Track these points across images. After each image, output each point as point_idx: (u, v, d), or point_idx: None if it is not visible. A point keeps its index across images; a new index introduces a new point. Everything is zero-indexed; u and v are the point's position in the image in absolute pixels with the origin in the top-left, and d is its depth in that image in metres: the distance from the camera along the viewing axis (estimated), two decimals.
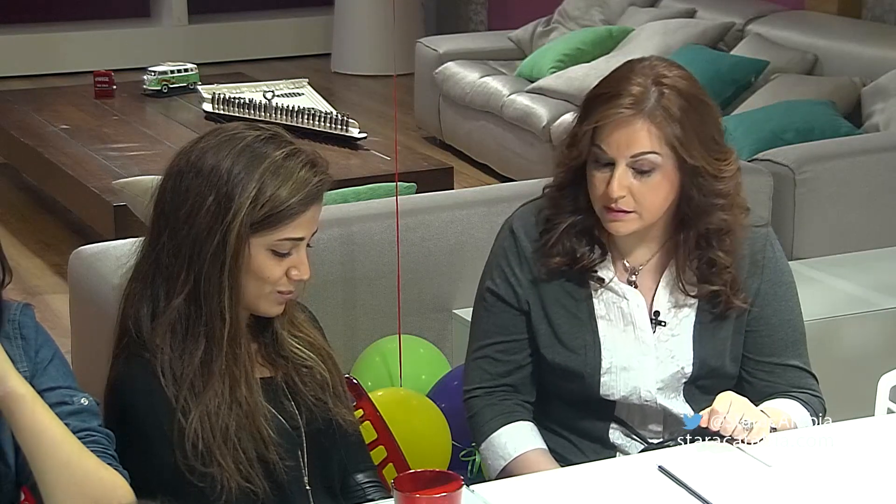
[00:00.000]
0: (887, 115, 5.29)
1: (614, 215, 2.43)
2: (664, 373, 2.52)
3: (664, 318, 2.52)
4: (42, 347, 2.14)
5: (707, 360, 2.53)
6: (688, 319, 2.53)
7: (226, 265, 2.22)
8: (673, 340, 2.52)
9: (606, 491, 2.23)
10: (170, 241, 2.25)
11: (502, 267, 2.57)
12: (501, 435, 2.55)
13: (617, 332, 2.52)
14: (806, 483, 2.23)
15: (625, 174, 2.40)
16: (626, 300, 2.52)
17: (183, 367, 2.23)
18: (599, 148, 2.41)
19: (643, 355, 2.52)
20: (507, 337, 2.57)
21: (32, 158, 6.32)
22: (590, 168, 2.44)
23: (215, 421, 2.22)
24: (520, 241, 2.55)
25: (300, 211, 2.24)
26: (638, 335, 2.52)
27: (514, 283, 2.55)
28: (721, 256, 2.48)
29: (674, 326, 2.52)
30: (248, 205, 2.21)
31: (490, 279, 2.59)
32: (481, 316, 2.61)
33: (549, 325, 2.53)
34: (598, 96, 2.43)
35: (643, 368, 2.51)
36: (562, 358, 2.52)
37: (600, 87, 2.45)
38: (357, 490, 2.44)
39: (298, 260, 2.28)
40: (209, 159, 2.24)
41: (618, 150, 2.39)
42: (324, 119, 6.11)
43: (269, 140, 2.27)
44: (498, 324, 2.57)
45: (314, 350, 2.40)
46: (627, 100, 2.38)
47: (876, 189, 4.48)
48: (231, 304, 2.24)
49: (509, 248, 2.57)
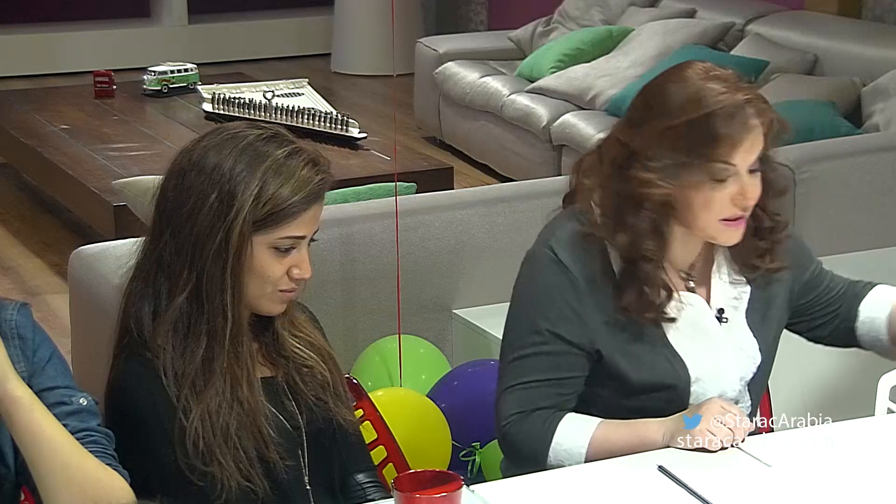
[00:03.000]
0: (887, 115, 5.29)
1: (738, 223, 2.41)
2: (741, 368, 2.51)
3: (728, 315, 2.51)
4: (40, 347, 2.14)
5: (766, 340, 2.53)
6: (743, 307, 2.52)
7: (228, 263, 2.22)
8: (736, 331, 2.51)
9: (606, 491, 2.23)
10: (172, 239, 2.25)
11: (558, 303, 2.42)
12: (559, 434, 2.42)
13: (689, 340, 2.47)
14: (806, 483, 2.23)
15: (749, 179, 2.39)
16: (692, 306, 2.47)
17: (184, 365, 2.24)
18: (726, 164, 2.35)
19: (720, 353, 2.49)
20: (563, 374, 2.44)
21: (32, 158, 6.32)
22: (702, 190, 2.36)
23: (216, 420, 2.22)
24: (573, 277, 2.43)
25: (302, 209, 2.25)
26: (710, 336, 2.49)
27: (576, 322, 2.42)
28: (772, 215, 2.53)
29: (734, 318, 2.52)
30: (250, 203, 2.21)
31: (543, 318, 2.43)
32: (531, 352, 2.44)
33: (626, 354, 2.44)
34: (704, 118, 2.34)
35: (726, 369, 2.49)
36: (647, 374, 2.45)
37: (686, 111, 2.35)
38: (357, 490, 2.44)
39: (300, 258, 2.28)
40: (211, 158, 2.25)
41: (744, 159, 2.37)
42: (324, 119, 6.11)
43: (270, 139, 2.27)
44: (555, 363, 2.44)
45: (315, 350, 2.40)
46: (751, 111, 2.36)
47: (876, 189, 4.48)
48: (233, 303, 2.24)
49: (564, 283, 2.43)
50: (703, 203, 2.38)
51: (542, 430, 2.42)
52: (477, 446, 3.33)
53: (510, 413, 2.44)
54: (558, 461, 2.41)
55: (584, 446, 2.39)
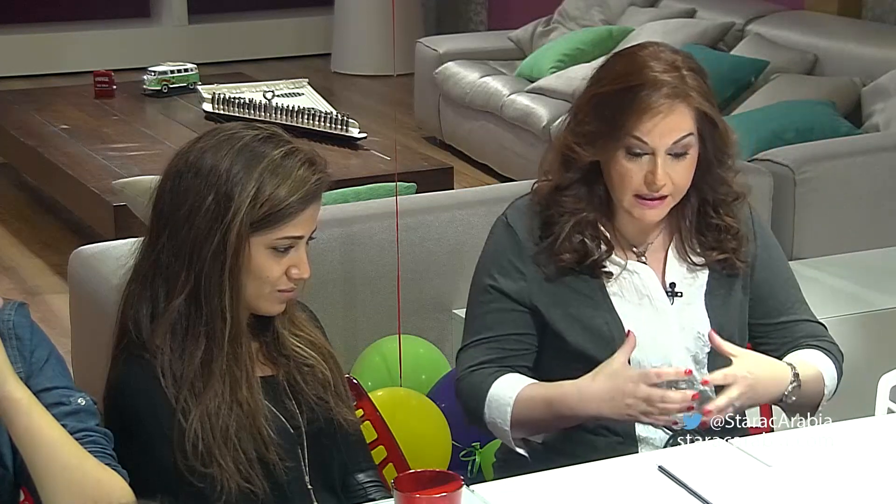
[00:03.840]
0: (887, 115, 5.29)
1: (651, 203, 2.46)
2: (689, 344, 2.54)
3: (680, 289, 2.55)
4: (38, 347, 2.14)
5: (723, 327, 2.54)
6: (700, 289, 2.56)
7: (226, 265, 2.22)
8: (688, 309, 2.55)
9: (606, 491, 2.23)
10: (169, 241, 2.25)
11: (502, 263, 2.56)
12: (496, 387, 2.50)
13: (632, 306, 2.53)
14: (806, 483, 2.23)
15: (665, 161, 2.43)
16: (637, 274, 2.54)
17: (183, 367, 2.23)
18: (638, 140, 2.42)
19: (665, 325, 2.53)
20: (506, 331, 2.55)
21: (32, 158, 6.32)
22: (618, 161, 2.45)
23: (215, 421, 2.22)
24: (520, 239, 2.55)
25: (299, 209, 2.25)
26: (656, 306, 2.53)
27: (518, 279, 2.54)
28: (729, 221, 2.55)
29: (689, 296, 2.56)
30: (247, 204, 2.21)
31: (488, 275, 2.57)
32: (479, 311, 2.58)
33: (567, 315, 2.52)
34: (626, 90, 2.43)
35: (669, 338, 2.53)
36: (585, 339, 2.51)
37: (617, 81, 2.45)
38: (358, 489, 2.44)
39: (298, 258, 2.28)
40: (208, 159, 2.25)
41: (660, 139, 2.42)
42: (324, 119, 6.11)
43: (267, 139, 2.27)
44: (499, 319, 2.56)
45: (315, 349, 2.40)
46: (665, 89, 2.41)
47: (876, 189, 4.49)
48: (232, 304, 2.24)
49: (509, 245, 2.56)
50: (619, 174, 2.46)
51: (480, 386, 2.51)
52: (477, 446, 3.33)
53: (460, 371, 2.57)
54: (492, 418, 2.50)
55: (510, 404, 2.47)
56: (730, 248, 2.56)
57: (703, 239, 2.57)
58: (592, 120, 2.47)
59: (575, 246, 2.51)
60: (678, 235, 2.58)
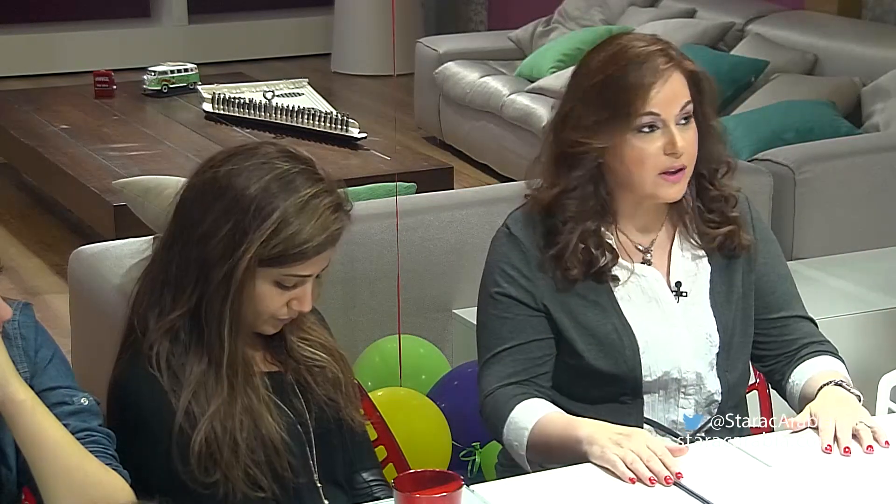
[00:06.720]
0: (887, 115, 5.29)
1: (673, 178, 2.45)
2: (697, 343, 2.53)
3: (685, 289, 2.54)
4: (42, 347, 2.14)
5: (727, 325, 2.54)
6: (704, 287, 2.55)
7: (229, 296, 2.21)
8: (694, 309, 2.54)
9: (606, 491, 2.23)
10: (180, 255, 2.24)
11: (508, 270, 2.53)
12: (518, 410, 2.46)
13: (640, 310, 2.52)
14: (806, 483, 2.23)
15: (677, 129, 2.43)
16: (645, 277, 2.53)
17: (185, 374, 2.24)
18: (649, 113, 2.41)
19: (673, 327, 2.52)
20: (526, 338, 2.51)
21: (32, 158, 6.32)
22: (630, 145, 2.43)
23: (222, 434, 2.21)
24: (525, 248, 2.53)
25: (314, 254, 2.23)
26: (663, 308, 2.53)
27: (526, 284, 2.51)
28: (727, 190, 2.55)
29: (694, 295, 2.55)
30: (261, 241, 2.18)
31: (497, 286, 2.54)
32: (494, 322, 2.54)
33: (576, 324, 2.51)
34: (620, 70, 2.43)
35: (678, 341, 2.51)
36: (596, 348, 2.50)
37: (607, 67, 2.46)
38: (364, 488, 2.44)
39: (302, 293, 2.27)
40: (236, 184, 2.21)
41: (668, 106, 2.42)
42: (324, 119, 6.11)
43: (301, 172, 2.24)
44: (516, 327, 2.52)
45: (326, 350, 2.40)
46: (658, 59, 2.43)
47: (876, 189, 4.49)
48: (231, 335, 2.23)
49: (514, 253, 2.53)
50: (636, 158, 2.44)
51: (503, 407, 2.47)
52: (477, 446, 3.33)
53: (485, 389, 2.52)
54: (509, 441, 2.46)
55: (528, 429, 2.43)
56: (733, 217, 2.55)
57: (708, 216, 2.55)
58: (595, 111, 2.45)
59: (581, 258, 2.49)
60: (682, 221, 2.56)
